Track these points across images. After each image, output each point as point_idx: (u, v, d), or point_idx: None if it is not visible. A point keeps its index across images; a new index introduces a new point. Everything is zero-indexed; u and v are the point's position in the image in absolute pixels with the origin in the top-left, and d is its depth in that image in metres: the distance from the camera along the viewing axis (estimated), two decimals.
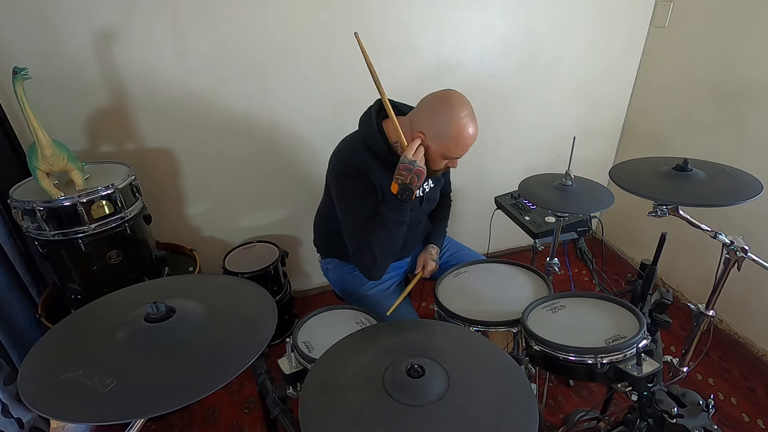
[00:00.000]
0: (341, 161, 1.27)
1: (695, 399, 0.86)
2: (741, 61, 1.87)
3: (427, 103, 1.20)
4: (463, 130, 1.15)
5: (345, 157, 1.27)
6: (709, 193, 1.18)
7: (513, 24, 2.04)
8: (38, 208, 1.31)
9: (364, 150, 1.25)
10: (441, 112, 1.15)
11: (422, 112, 1.20)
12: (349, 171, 1.23)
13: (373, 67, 1.13)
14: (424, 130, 1.17)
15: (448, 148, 1.17)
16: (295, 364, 1.02)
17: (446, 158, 1.21)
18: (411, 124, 1.21)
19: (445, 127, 1.14)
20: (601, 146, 2.57)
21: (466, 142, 1.17)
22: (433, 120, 1.16)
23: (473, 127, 1.16)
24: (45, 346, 0.82)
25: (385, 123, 1.26)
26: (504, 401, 0.73)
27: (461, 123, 1.14)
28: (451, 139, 1.15)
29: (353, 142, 1.30)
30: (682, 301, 2.25)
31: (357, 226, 1.24)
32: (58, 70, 1.56)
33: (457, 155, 1.21)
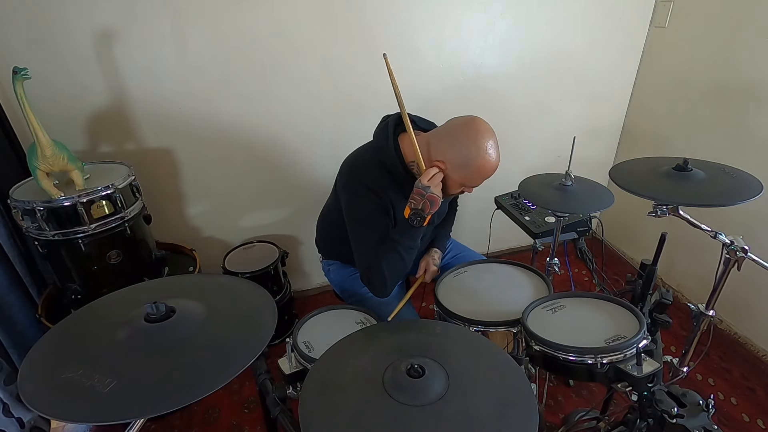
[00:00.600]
0: (354, 178, 1.23)
1: (695, 399, 0.85)
2: (741, 60, 1.87)
3: (450, 130, 1.16)
4: (486, 162, 1.12)
5: (359, 175, 1.23)
6: (709, 193, 1.18)
7: (513, 24, 2.04)
8: (38, 208, 1.31)
9: (378, 168, 1.21)
10: (465, 144, 1.12)
11: (445, 140, 1.15)
12: (363, 191, 1.20)
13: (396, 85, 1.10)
14: (446, 159, 1.14)
15: (470, 178, 1.16)
16: (295, 364, 1.02)
17: (464, 186, 1.20)
18: (430, 148, 1.17)
19: (467, 159, 1.12)
20: (601, 146, 2.57)
21: (489, 173, 1.15)
22: (457, 150, 1.13)
23: (497, 157, 1.14)
24: (45, 346, 0.82)
25: (402, 139, 1.22)
26: (504, 401, 0.73)
27: (486, 155, 1.12)
28: (474, 170, 1.13)
29: (367, 156, 1.26)
30: (682, 301, 2.25)
31: (367, 247, 1.21)
32: (58, 70, 1.56)
33: (476, 185, 1.19)
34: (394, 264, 1.18)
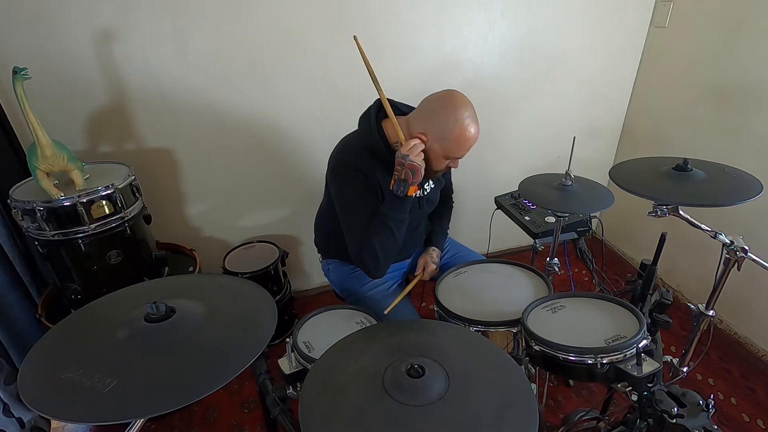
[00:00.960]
0: (341, 162, 1.27)
1: (695, 399, 0.85)
2: (741, 61, 1.87)
3: (428, 104, 1.20)
4: (465, 131, 1.14)
5: (345, 158, 1.27)
6: (709, 193, 1.18)
7: (513, 24, 2.04)
8: (38, 208, 1.31)
9: (363, 151, 1.25)
10: (442, 114, 1.15)
11: (423, 113, 1.19)
12: (350, 172, 1.23)
13: (372, 69, 1.13)
14: (426, 132, 1.16)
15: (450, 148, 1.17)
16: (295, 364, 1.02)
17: (448, 158, 1.21)
18: (410, 125, 1.21)
19: (446, 129, 1.14)
20: (601, 146, 2.57)
21: (468, 142, 1.17)
22: (435, 121, 1.16)
23: (475, 127, 1.16)
24: (45, 346, 0.82)
25: (385, 123, 1.26)
26: (504, 401, 0.73)
27: (463, 124, 1.14)
28: (453, 140, 1.15)
29: (353, 142, 1.30)
30: (682, 301, 2.25)
31: (358, 227, 1.24)
32: (58, 70, 1.56)
33: (458, 156, 1.21)
34: (385, 240, 1.20)
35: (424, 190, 1.38)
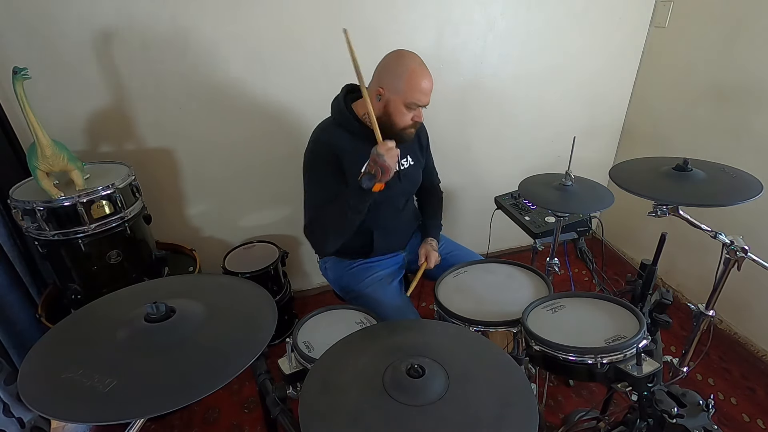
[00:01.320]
0: (315, 140, 1.36)
1: (695, 399, 0.85)
2: (741, 61, 1.87)
3: (381, 63, 1.31)
4: (415, 74, 1.24)
5: (319, 137, 1.36)
6: (709, 193, 1.18)
7: (513, 24, 2.04)
8: (38, 208, 1.31)
9: (336, 129, 1.35)
10: (392, 63, 1.28)
11: (378, 71, 1.31)
12: (321, 149, 1.32)
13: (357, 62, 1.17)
14: (382, 85, 1.27)
15: (405, 94, 1.25)
16: (295, 364, 1.02)
17: (408, 107, 1.27)
18: (369, 88, 1.30)
19: (399, 76, 1.25)
20: (601, 146, 2.57)
21: (422, 85, 1.25)
22: (387, 72, 1.28)
23: (427, 72, 1.27)
24: (45, 346, 0.82)
25: (354, 104, 1.37)
26: (504, 401, 0.73)
27: (413, 68, 1.25)
28: (407, 84, 1.24)
29: (327, 124, 1.40)
30: (682, 301, 2.25)
31: (315, 201, 1.34)
32: (58, 70, 1.56)
33: (416, 101, 1.26)
34: (336, 222, 1.28)
35: (401, 164, 1.43)
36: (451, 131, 2.19)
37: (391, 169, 1.17)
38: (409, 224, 1.58)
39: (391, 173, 1.18)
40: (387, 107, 1.28)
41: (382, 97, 1.28)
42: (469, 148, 2.28)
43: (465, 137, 2.24)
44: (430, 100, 1.29)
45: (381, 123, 1.25)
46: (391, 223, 1.48)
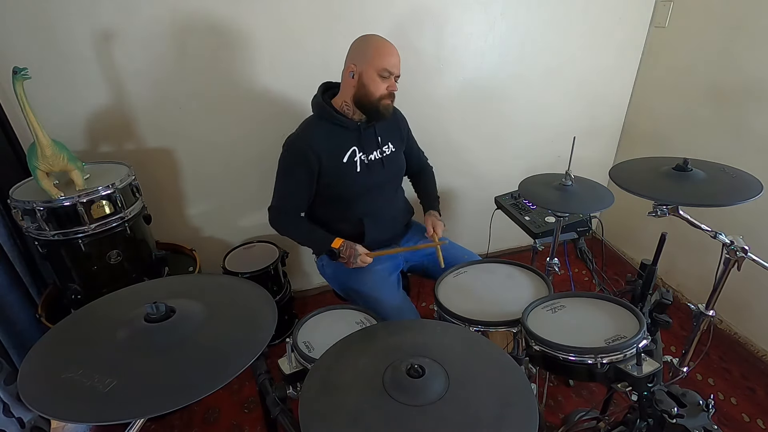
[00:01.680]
0: (293, 136, 1.44)
1: (695, 399, 0.85)
2: (741, 60, 1.87)
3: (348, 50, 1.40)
4: (379, 42, 1.35)
5: (298, 133, 1.44)
6: (709, 193, 1.18)
7: (513, 24, 2.04)
8: (38, 208, 1.31)
9: (315, 123, 1.43)
10: (358, 42, 1.38)
11: (347, 55, 1.40)
12: (296, 145, 1.40)
13: None
14: (353, 62, 1.36)
15: (375, 61, 1.33)
16: (295, 364, 1.02)
17: (381, 75, 1.34)
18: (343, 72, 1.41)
19: (366, 48, 1.35)
20: (601, 146, 2.57)
21: (388, 49, 1.35)
22: (355, 50, 1.38)
23: (388, 42, 1.36)
24: (45, 346, 0.82)
25: (333, 101, 1.46)
26: (504, 401, 0.73)
27: (375, 39, 1.36)
28: (373, 52, 1.33)
29: (308, 120, 1.47)
30: (682, 301, 2.25)
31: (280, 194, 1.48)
32: (58, 70, 1.56)
33: (387, 66, 1.34)
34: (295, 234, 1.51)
35: (383, 150, 1.49)
36: (451, 131, 2.19)
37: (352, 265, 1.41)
38: (401, 214, 1.62)
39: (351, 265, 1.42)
40: (361, 79, 1.35)
41: (354, 72, 1.35)
42: (469, 148, 2.28)
43: (465, 137, 2.24)
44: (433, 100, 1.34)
45: (358, 99, 1.37)
46: (381, 210, 1.52)
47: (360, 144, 1.44)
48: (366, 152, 1.45)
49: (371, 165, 1.46)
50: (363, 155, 1.44)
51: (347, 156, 1.42)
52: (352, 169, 1.43)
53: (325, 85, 1.49)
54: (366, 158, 1.45)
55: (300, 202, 1.47)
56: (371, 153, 1.46)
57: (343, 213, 1.49)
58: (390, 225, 1.57)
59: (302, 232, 1.49)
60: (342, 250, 1.41)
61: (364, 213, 1.48)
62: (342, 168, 1.41)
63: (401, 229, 1.61)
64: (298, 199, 1.47)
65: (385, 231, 1.54)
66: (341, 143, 1.42)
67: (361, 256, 1.40)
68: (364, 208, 1.48)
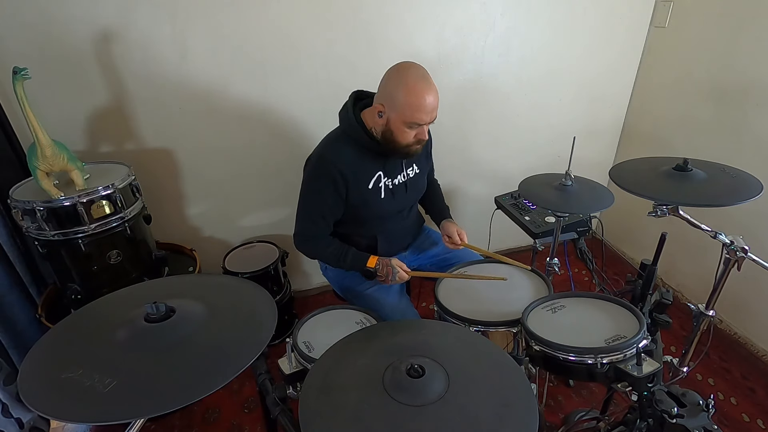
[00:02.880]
0: (320, 155, 1.32)
1: (695, 399, 0.85)
2: (741, 60, 1.87)
3: (383, 77, 1.24)
4: (413, 92, 1.16)
5: (322, 151, 1.33)
6: (709, 193, 1.19)
7: (513, 24, 2.04)
8: (38, 208, 1.31)
9: (343, 142, 1.31)
10: (392, 80, 1.20)
11: (380, 87, 1.25)
12: (325, 167, 1.28)
13: None
14: (383, 102, 1.21)
15: (405, 114, 1.18)
16: (295, 364, 1.02)
17: (409, 126, 1.22)
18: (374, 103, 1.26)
19: (397, 94, 1.18)
20: (601, 146, 2.57)
21: (421, 104, 1.17)
22: (387, 90, 1.20)
23: (426, 89, 1.17)
24: (45, 346, 0.82)
25: (363, 113, 1.31)
26: (504, 401, 0.73)
27: (411, 85, 1.16)
28: (405, 103, 1.17)
29: (335, 136, 1.35)
30: (682, 301, 2.25)
31: (309, 217, 1.35)
32: (58, 71, 1.56)
33: (417, 120, 1.20)
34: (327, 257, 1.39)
35: (407, 173, 1.42)
36: (451, 131, 2.19)
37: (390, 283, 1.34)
38: (413, 227, 1.58)
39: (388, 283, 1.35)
40: (388, 125, 1.23)
41: (383, 114, 1.23)
42: (469, 148, 2.28)
43: (465, 137, 2.24)
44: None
45: (384, 139, 1.26)
46: (396, 228, 1.48)
47: (385, 168, 1.35)
48: (391, 177, 1.37)
49: (395, 190, 1.38)
50: (388, 180, 1.36)
51: (372, 182, 1.32)
52: (376, 196, 1.35)
53: (356, 95, 1.35)
54: (390, 183, 1.37)
55: (329, 223, 1.37)
56: (396, 177, 1.38)
57: (357, 230, 1.43)
58: (402, 238, 1.54)
59: (333, 254, 1.37)
60: (378, 269, 1.33)
61: (379, 231, 1.43)
62: (366, 194, 1.32)
63: (412, 237, 1.60)
64: (328, 221, 1.36)
65: (397, 244, 1.52)
66: (367, 167, 1.32)
67: (399, 273, 1.32)
68: (380, 227, 1.43)
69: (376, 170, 1.33)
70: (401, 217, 1.48)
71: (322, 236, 1.37)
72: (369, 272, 1.35)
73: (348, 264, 1.36)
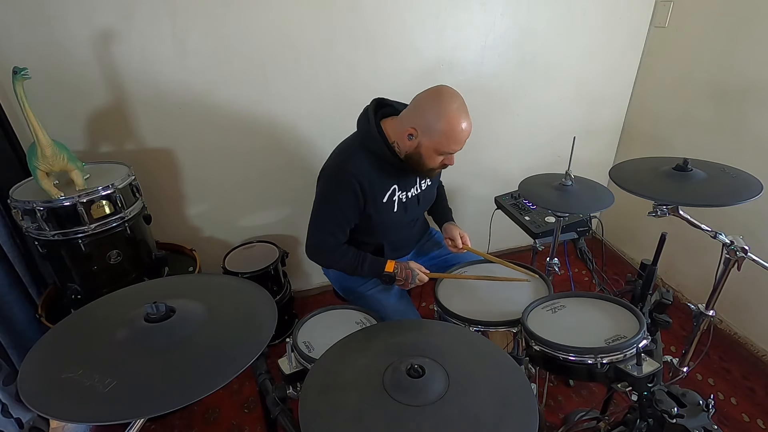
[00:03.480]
0: (338, 165, 1.27)
1: (695, 399, 0.85)
2: (741, 60, 1.87)
3: (419, 99, 1.20)
4: (453, 122, 1.14)
5: (341, 161, 1.27)
6: (709, 193, 1.18)
7: (513, 24, 2.04)
8: (38, 208, 1.31)
9: (362, 152, 1.26)
10: (431, 107, 1.16)
11: (413, 108, 1.21)
12: (345, 179, 1.24)
13: None
14: (416, 126, 1.17)
15: (440, 143, 1.17)
16: (295, 364, 1.02)
17: (440, 154, 1.21)
18: (402, 122, 1.22)
19: (435, 122, 1.15)
20: (601, 146, 2.57)
21: (458, 136, 1.16)
22: (424, 115, 1.16)
23: (465, 121, 1.16)
24: (45, 346, 0.82)
25: (384, 123, 1.27)
26: (504, 401, 0.73)
27: (451, 116, 1.14)
28: (443, 133, 1.15)
29: (352, 144, 1.30)
30: (682, 301, 2.25)
31: (325, 228, 1.30)
32: (58, 70, 1.56)
33: (450, 150, 1.20)
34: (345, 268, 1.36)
35: (420, 186, 1.40)
36: None
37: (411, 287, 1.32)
38: (419, 233, 1.58)
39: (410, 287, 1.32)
40: (418, 149, 1.20)
41: (414, 137, 1.19)
42: (469, 148, 2.25)
43: None
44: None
45: (409, 159, 1.24)
46: (403, 236, 1.48)
47: (400, 182, 1.33)
48: (405, 190, 1.35)
49: (408, 203, 1.37)
50: (402, 194, 1.34)
51: (387, 195, 1.30)
52: (390, 209, 1.33)
53: (377, 102, 1.29)
54: (405, 197, 1.35)
55: (346, 232, 1.33)
56: (409, 190, 1.37)
57: (364, 238, 1.40)
58: (408, 244, 1.54)
59: (350, 264, 1.33)
60: (397, 273, 1.31)
61: (386, 239, 1.43)
62: (380, 207, 1.30)
63: (417, 242, 1.59)
64: (345, 232, 1.32)
65: (402, 250, 1.52)
66: (383, 180, 1.29)
67: (419, 275, 1.30)
68: (388, 236, 1.42)
69: (392, 184, 1.31)
70: (409, 227, 1.48)
71: (337, 247, 1.33)
72: (388, 277, 1.31)
73: (365, 272, 1.33)
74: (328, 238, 1.31)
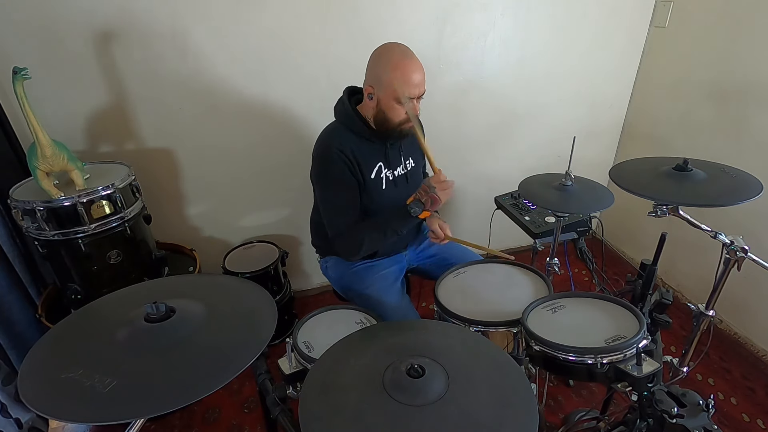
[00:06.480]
0: (322, 145, 1.33)
1: (695, 399, 0.85)
2: (741, 61, 1.87)
3: (369, 61, 1.28)
4: (399, 66, 1.20)
5: (326, 140, 1.33)
6: (709, 193, 1.18)
7: (513, 24, 2.04)
8: (38, 208, 1.31)
9: (342, 130, 1.33)
10: (378, 61, 1.24)
11: (367, 70, 1.28)
12: (332, 153, 1.29)
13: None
14: (371, 84, 1.25)
15: (395, 90, 1.21)
16: (295, 364, 1.02)
17: (399, 102, 1.24)
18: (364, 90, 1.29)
19: (384, 72, 1.21)
20: (601, 146, 2.57)
21: (408, 77, 1.20)
22: (374, 71, 1.24)
23: (411, 62, 1.22)
24: (45, 346, 0.82)
25: (360, 107, 1.35)
26: (504, 401, 0.73)
27: (395, 60, 1.21)
28: (393, 79, 1.20)
29: (333, 128, 1.37)
30: (682, 301, 2.25)
31: (339, 206, 1.32)
32: (58, 70, 1.56)
33: (407, 94, 1.22)
34: (374, 240, 1.32)
35: (406, 166, 1.44)
36: (451, 131, 2.19)
37: (441, 202, 1.23)
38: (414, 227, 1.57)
39: (440, 205, 1.24)
40: (379, 105, 1.27)
41: (373, 95, 1.26)
42: (469, 148, 2.29)
43: (465, 137, 2.24)
44: (433, 100, 1.27)
45: (377, 121, 1.30)
46: None
47: (386, 160, 1.37)
48: (392, 168, 1.39)
49: (397, 181, 1.40)
50: (389, 171, 1.38)
51: (374, 172, 1.35)
52: (378, 186, 1.37)
53: (350, 89, 1.38)
54: (392, 174, 1.39)
55: (356, 206, 1.33)
56: (396, 168, 1.41)
57: None
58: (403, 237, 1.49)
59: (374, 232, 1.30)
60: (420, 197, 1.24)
61: None
62: (369, 184, 1.34)
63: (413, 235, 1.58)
64: (354, 204, 1.32)
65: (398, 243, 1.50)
66: (368, 158, 1.33)
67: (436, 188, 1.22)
68: None
69: (377, 161, 1.35)
70: None
71: (355, 224, 1.32)
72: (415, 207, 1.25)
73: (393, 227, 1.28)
74: (342, 219, 1.33)
